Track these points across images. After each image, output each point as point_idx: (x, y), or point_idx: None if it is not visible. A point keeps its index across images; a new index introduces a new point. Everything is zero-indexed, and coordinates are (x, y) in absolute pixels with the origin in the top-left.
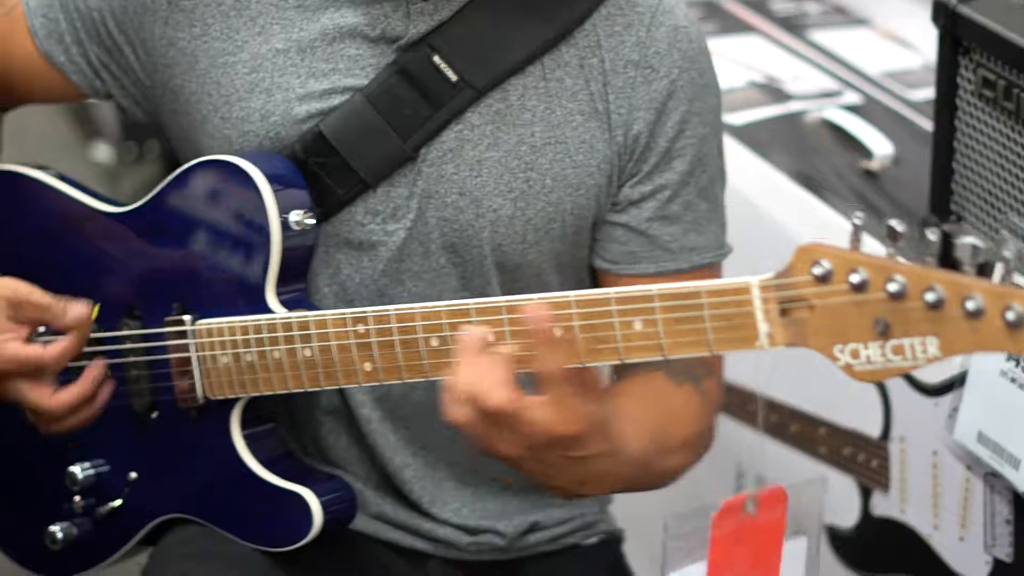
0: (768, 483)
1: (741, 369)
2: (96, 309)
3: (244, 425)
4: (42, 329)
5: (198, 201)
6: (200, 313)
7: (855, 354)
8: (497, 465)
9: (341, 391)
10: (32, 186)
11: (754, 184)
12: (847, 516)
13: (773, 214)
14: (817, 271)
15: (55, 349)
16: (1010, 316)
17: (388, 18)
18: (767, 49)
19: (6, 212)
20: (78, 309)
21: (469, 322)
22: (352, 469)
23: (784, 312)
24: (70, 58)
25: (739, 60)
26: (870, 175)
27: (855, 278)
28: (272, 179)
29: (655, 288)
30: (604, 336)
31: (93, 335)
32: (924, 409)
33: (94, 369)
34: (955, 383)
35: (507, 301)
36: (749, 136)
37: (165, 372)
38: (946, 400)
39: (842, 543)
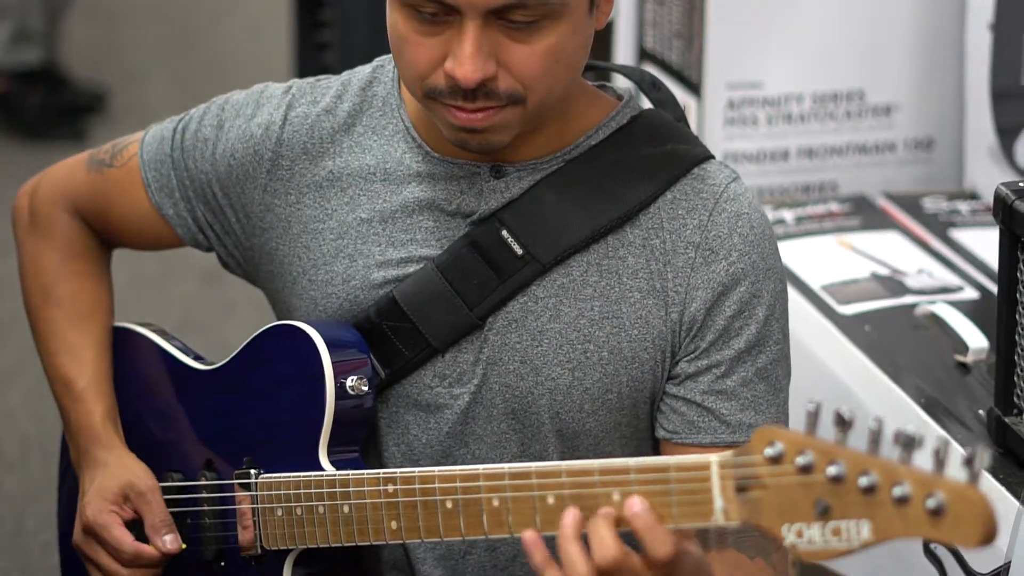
0: None
1: None
2: (183, 546)
3: None
4: None
5: (269, 363)
6: (265, 468)
7: (799, 534)
8: None
9: (404, 547)
10: (140, 341)
11: (845, 367)
12: None
13: (859, 398)
14: (770, 452)
15: (135, 549)
16: (931, 504)
17: (464, 194)
18: (903, 245)
19: (119, 364)
20: (169, 542)
21: (478, 486)
22: None
23: (741, 489)
24: (177, 212)
25: (870, 254)
26: (963, 367)
27: (801, 460)
28: (332, 345)
29: (632, 461)
30: (590, 505)
31: (176, 484)
32: None
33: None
34: (1001, 573)
35: (510, 468)
36: (854, 325)
37: (232, 522)
38: None
39: None
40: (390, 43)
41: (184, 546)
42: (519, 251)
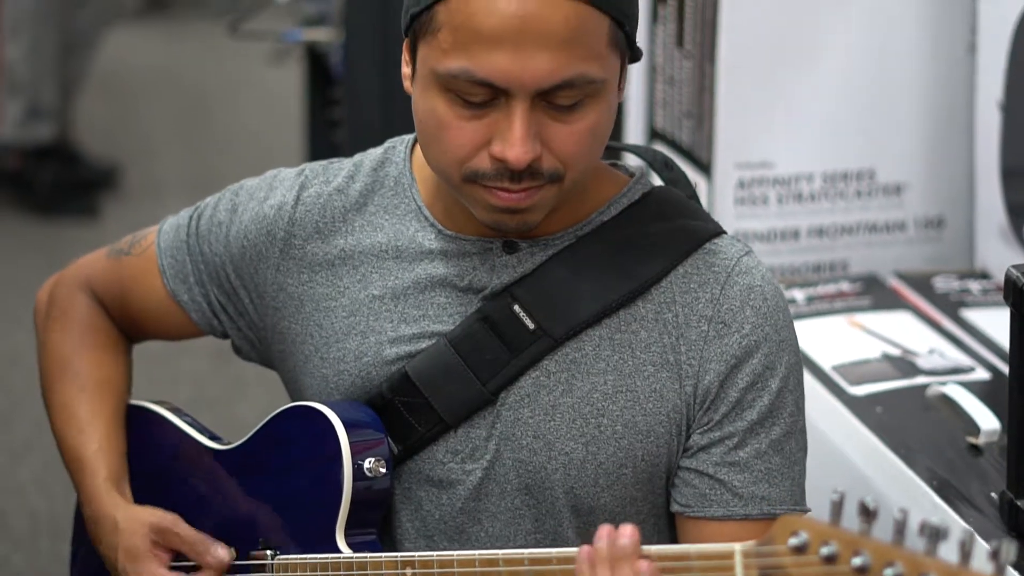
0: None
1: None
2: (234, 552)
3: None
4: None
5: (286, 444)
6: (281, 549)
7: None
8: None
9: None
10: (155, 419)
11: (856, 449)
12: None
13: (871, 479)
14: (794, 542)
15: None
16: None
17: (476, 270)
18: (914, 325)
19: (134, 442)
20: (219, 552)
21: (498, 571)
22: None
23: None
24: (192, 297)
25: (881, 334)
26: (975, 450)
27: (826, 551)
28: (350, 426)
29: (654, 548)
30: None
31: (190, 564)
32: None
33: None
34: None
35: (530, 553)
36: (865, 406)
37: None
38: None
39: None
40: (423, 128)
41: (235, 552)
42: (531, 326)
